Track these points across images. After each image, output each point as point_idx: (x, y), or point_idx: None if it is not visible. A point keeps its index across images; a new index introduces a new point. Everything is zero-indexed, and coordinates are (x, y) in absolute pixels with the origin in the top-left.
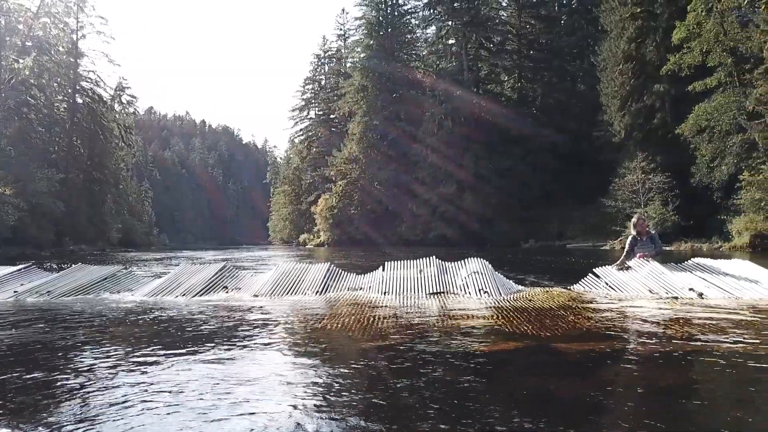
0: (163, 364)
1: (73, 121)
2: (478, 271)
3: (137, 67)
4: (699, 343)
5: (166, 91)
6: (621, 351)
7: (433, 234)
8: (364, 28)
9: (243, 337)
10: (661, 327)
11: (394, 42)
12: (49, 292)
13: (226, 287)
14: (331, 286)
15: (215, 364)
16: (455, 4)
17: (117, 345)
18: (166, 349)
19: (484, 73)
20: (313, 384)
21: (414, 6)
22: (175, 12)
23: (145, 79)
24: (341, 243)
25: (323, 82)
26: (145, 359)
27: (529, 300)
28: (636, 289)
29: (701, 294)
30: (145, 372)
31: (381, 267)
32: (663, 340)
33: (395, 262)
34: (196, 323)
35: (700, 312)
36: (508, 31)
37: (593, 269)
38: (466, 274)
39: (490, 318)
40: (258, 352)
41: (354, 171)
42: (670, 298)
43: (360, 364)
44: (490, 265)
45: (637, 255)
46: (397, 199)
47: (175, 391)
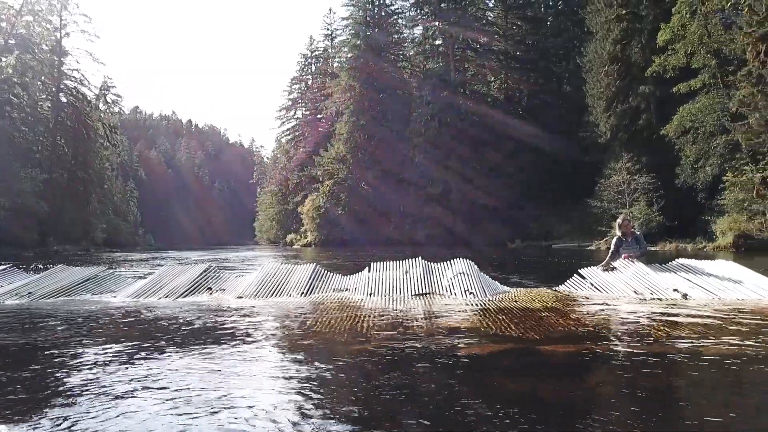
0: (145, 367)
1: (57, 120)
2: (463, 272)
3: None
4: (684, 345)
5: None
6: (606, 353)
7: (420, 234)
8: (351, 28)
9: (226, 340)
10: (645, 328)
11: (381, 42)
12: (30, 293)
13: (210, 288)
14: (317, 287)
15: (197, 367)
16: (442, 5)
17: (98, 347)
18: (148, 351)
19: (471, 73)
20: (296, 387)
21: (401, 6)
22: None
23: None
24: (328, 243)
25: (310, 82)
26: (128, 361)
27: (515, 301)
28: (621, 290)
29: (685, 295)
30: (128, 374)
31: (367, 268)
32: (648, 341)
33: (381, 263)
34: (178, 325)
35: (685, 313)
36: (495, 32)
37: (578, 270)
38: (452, 275)
39: (475, 319)
40: (240, 355)
41: (341, 171)
42: (655, 299)
43: (344, 367)
44: (475, 265)
45: (623, 256)
46: (384, 200)
47: (157, 393)
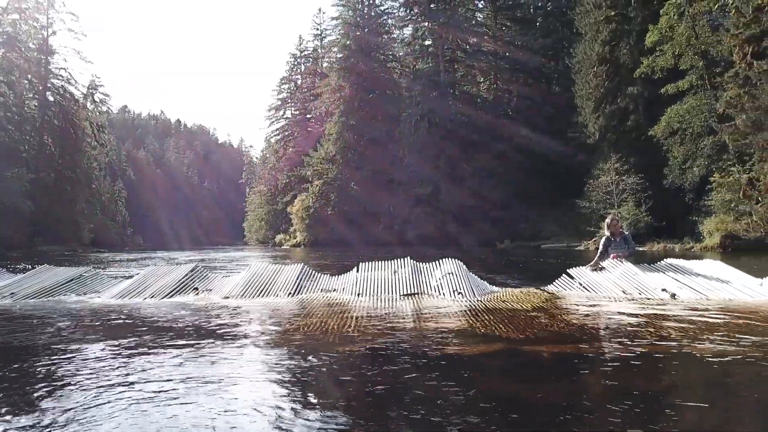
0: (127, 367)
1: (44, 119)
2: (452, 272)
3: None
4: (672, 345)
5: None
6: (594, 353)
7: (410, 234)
8: (340, 28)
9: (210, 340)
10: (634, 328)
11: (371, 42)
12: (12, 294)
13: (197, 289)
14: (304, 287)
15: (180, 368)
16: (432, 5)
17: (80, 348)
18: (130, 352)
19: (461, 74)
20: (281, 388)
21: (390, 6)
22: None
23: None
24: (318, 243)
25: (299, 82)
26: (111, 362)
27: (503, 301)
28: (609, 290)
29: (674, 294)
30: (111, 375)
31: (355, 268)
32: (636, 341)
33: (369, 263)
34: (162, 325)
35: (673, 313)
36: (484, 33)
37: (567, 270)
38: (441, 275)
39: (463, 320)
40: (225, 356)
41: (331, 171)
42: (643, 299)
43: (331, 368)
44: (464, 265)
45: (611, 256)
46: (373, 200)
47: (139, 393)
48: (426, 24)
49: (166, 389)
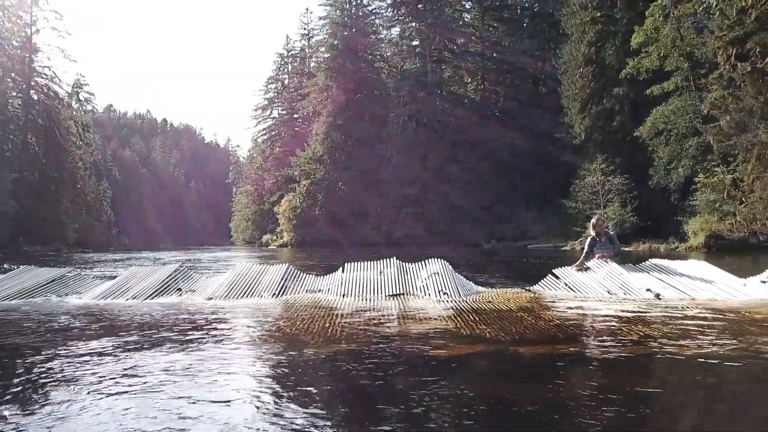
0: (106, 369)
1: (28, 118)
2: (438, 272)
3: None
4: (656, 345)
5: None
6: (579, 354)
7: (397, 234)
8: (328, 27)
9: (192, 342)
10: (619, 329)
11: (359, 42)
12: None
13: (180, 289)
14: (289, 288)
15: (161, 369)
16: (419, 6)
17: (60, 350)
18: (110, 353)
19: (448, 74)
20: (263, 390)
21: (378, 6)
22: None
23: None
24: (305, 244)
25: (287, 82)
26: (90, 363)
27: (489, 302)
28: (595, 290)
29: (658, 295)
30: (93, 377)
31: (340, 268)
32: (620, 342)
33: (355, 263)
34: (143, 327)
35: (658, 313)
36: (472, 34)
37: (553, 270)
38: (427, 275)
39: (448, 320)
40: (206, 357)
41: (318, 171)
42: (628, 299)
43: (314, 369)
44: (450, 266)
45: (596, 256)
46: (361, 200)
47: (118, 395)
48: (413, 24)
49: (143, 391)
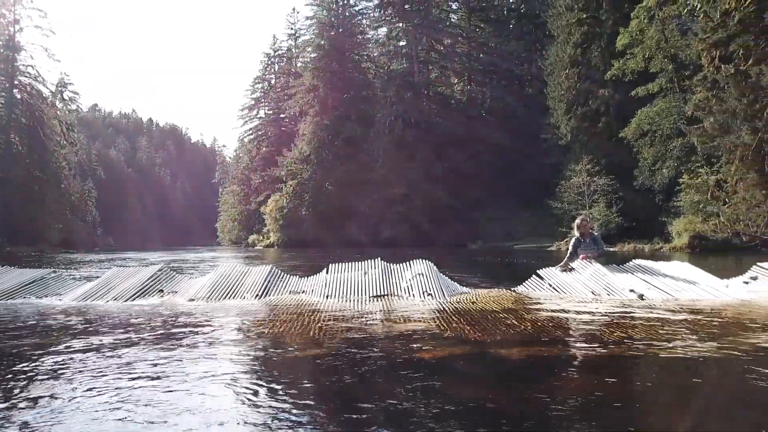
0: (85, 370)
1: (11, 118)
2: (422, 273)
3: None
4: (639, 346)
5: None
6: (562, 356)
7: (384, 235)
8: (315, 27)
9: (171, 343)
10: (602, 330)
11: (346, 42)
12: None
13: (162, 291)
14: (273, 289)
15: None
16: (406, 6)
17: (38, 352)
18: (89, 354)
19: (435, 75)
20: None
21: (365, 7)
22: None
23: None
24: (291, 244)
25: (273, 82)
26: (68, 364)
27: (473, 303)
28: (579, 291)
29: (642, 295)
30: (72, 379)
31: (325, 269)
32: (604, 343)
33: (339, 264)
34: (123, 328)
35: (641, 314)
36: (458, 34)
37: (537, 270)
38: (411, 276)
39: (432, 322)
40: (186, 359)
41: (305, 171)
42: (612, 300)
43: (295, 371)
44: (435, 266)
45: (581, 256)
46: (348, 200)
47: (95, 397)
48: (400, 25)
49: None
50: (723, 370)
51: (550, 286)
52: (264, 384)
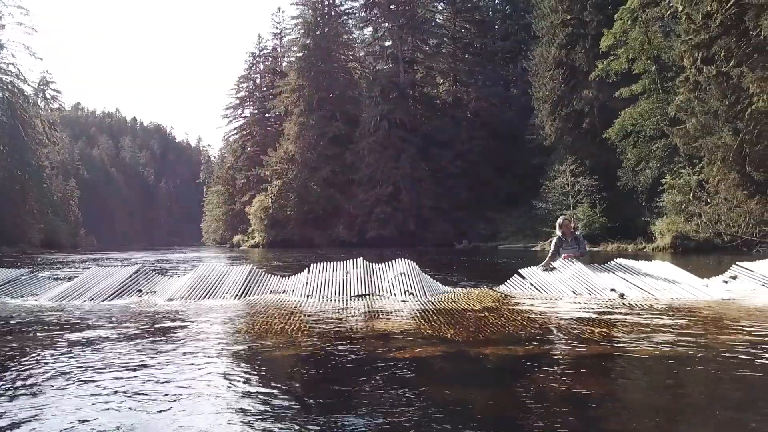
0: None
1: None
2: (404, 273)
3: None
4: (619, 345)
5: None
6: (542, 355)
7: (369, 235)
8: (300, 27)
9: (147, 344)
10: (582, 329)
11: (331, 42)
12: None
13: (140, 291)
14: (253, 289)
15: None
16: (391, 6)
17: (11, 354)
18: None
19: (420, 75)
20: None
21: (351, 7)
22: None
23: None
24: (277, 244)
25: (258, 81)
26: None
27: (454, 302)
28: (560, 290)
29: (622, 294)
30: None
31: (306, 269)
32: (584, 342)
33: (321, 263)
34: (100, 329)
35: (621, 312)
36: (444, 35)
37: (519, 270)
38: (393, 275)
39: (412, 321)
40: (161, 360)
41: (290, 171)
42: (593, 299)
43: (272, 372)
44: (417, 266)
45: (562, 256)
46: (333, 200)
47: (70, 400)
48: (386, 25)
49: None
50: (701, 369)
51: (532, 285)
52: (240, 383)
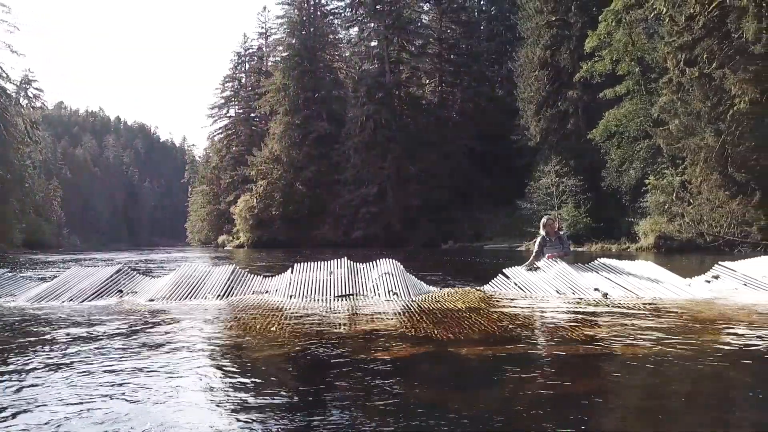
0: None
1: None
2: (388, 273)
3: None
4: (602, 345)
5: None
6: (524, 355)
7: (355, 235)
8: (286, 26)
9: (126, 345)
10: (566, 329)
11: (317, 42)
12: None
13: (121, 291)
14: (235, 289)
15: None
16: (377, 6)
17: None
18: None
19: (406, 75)
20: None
21: (337, 7)
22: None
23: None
24: (262, 244)
25: (244, 80)
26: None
27: (438, 301)
28: (544, 290)
29: (606, 294)
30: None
31: (289, 269)
32: (568, 342)
33: (305, 263)
34: (79, 331)
35: (605, 312)
36: (430, 35)
37: (503, 270)
38: (377, 275)
39: (396, 321)
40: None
41: (275, 171)
42: (577, 299)
43: (252, 373)
44: (401, 265)
45: (546, 256)
46: (319, 200)
47: (46, 402)
48: (372, 25)
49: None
50: (684, 369)
51: (516, 285)
52: (220, 384)
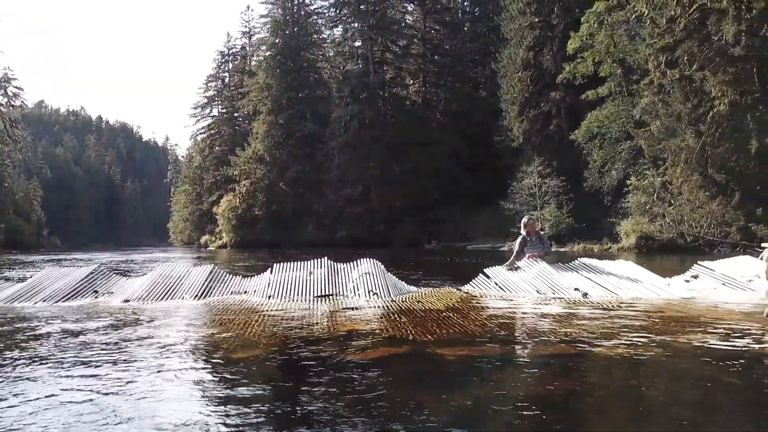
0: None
1: None
2: (369, 273)
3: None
4: (581, 345)
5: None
6: (503, 355)
7: (339, 235)
8: (269, 26)
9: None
10: (546, 328)
11: (301, 42)
12: None
13: (97, 291)
14: (214, 289)
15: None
16: (361, 7)
17: None
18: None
19: (390, 76)
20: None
21: (320, 6)
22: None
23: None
24: (245, 245)
25: (227, 80)
26: None
27: (418, 301)
28: (524, 290)
29: (586, 294)
30: None
31: (269, 269)
32: (547, 342)
33: (285, 263)
34: (52, 332)
35: (584, 312)
36: (414, 36)
37: (484, 269)
38: (358, 275)
39: (374, 321)
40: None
41: (258, 171)
42: (557, 299)
43: (228, 374)
44: (382, 265)
45: (527, 255)
46: (303, 200)
47: (20, 406)
48: (356, 25)
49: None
50: (662, 369)
51: (497, 284)
52: (195, 386)
